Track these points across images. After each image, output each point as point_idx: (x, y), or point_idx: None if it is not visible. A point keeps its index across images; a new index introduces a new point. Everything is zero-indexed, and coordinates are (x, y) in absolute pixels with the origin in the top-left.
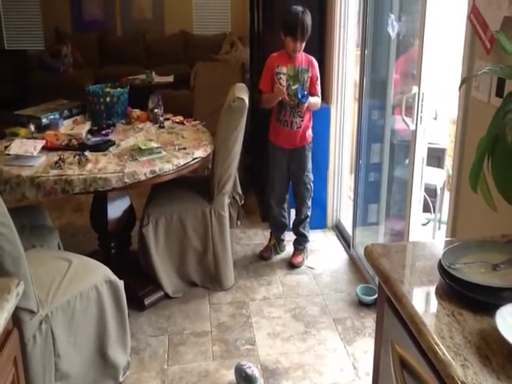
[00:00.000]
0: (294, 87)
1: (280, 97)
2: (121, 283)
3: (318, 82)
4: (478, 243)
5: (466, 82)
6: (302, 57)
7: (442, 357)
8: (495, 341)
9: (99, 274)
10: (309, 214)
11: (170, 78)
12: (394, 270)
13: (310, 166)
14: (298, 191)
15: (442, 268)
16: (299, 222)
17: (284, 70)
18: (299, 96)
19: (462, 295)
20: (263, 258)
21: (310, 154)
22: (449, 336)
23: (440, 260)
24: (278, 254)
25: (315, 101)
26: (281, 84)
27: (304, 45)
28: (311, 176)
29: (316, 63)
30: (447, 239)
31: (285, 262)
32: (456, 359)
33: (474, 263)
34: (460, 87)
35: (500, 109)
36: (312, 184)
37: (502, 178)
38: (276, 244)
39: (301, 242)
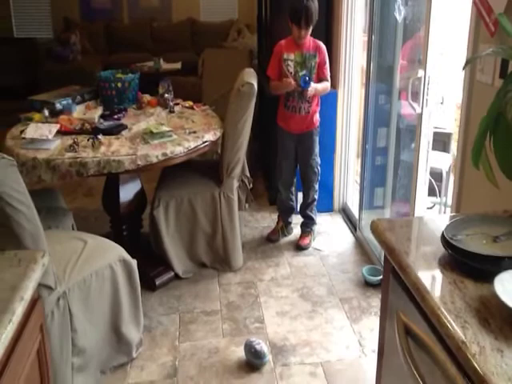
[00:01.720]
0: (301, 73)
1: (289, 89)
2: (134, 262)
3: (327, 66)
4: (479, 217)
5: (469, 63)
6: (309, 42)
7: (444, 319)
8: (494, 305)
9: (113, 253)
10: (316, 197)
11: (178, 65)
12: (398, 242)
13: (317, 150)
14: (306, 175)
15: (444, 239)
16: (306, 205)
17: (291, 56)
18: (301, 83)
19: (464, 264)
20: (271, 240)
21: (317, 139)
22: (450, 301)
23: (443, 232)
24: (286, 236)
25: (323, 86)
26: (288, 70)
27: (310, 31)
28: (318, 160)
29: (324, 48)
30: (451, 214)
31: (292, 244)
32: (456, 321)
33: (476, 235)
34: (463, 68)
35: (501, 88)
36: (319, 168)
37: (503, 155)
38: (283, 227)
39: (308, 224)
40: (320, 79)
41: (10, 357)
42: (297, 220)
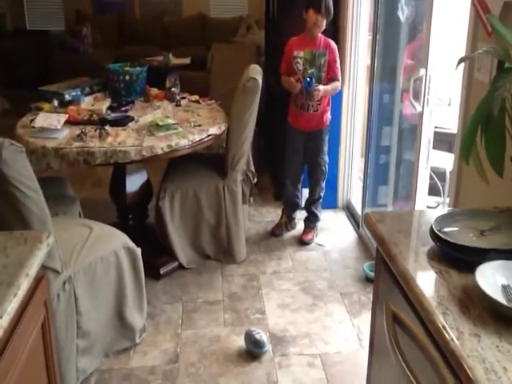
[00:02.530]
0: (310, 71)
1: (294, 91)
2: (138, 250)
3: (337, 65)
4: (468, 212)
5: (462, 62)
6: (320, 40)
7: (427, 306)
8: (476, 294)
9: (118, 240)
10: (322, 194)
11: (187, 60)
12: (389, 233)
13: (326, 148)
14: (313, 173)
15: (432, 232)
16: (312, 201)
17: (301, 54)
18: (304, 84)
19: (450, 256)
20: (274, 234)
21: (326, 138)
22: (435, 290)
23: (432, 225)
24: (289, 231)
25: (332, 86)
26: (297, 68)
27: (324, 24)
28: (326, 158)
29: (334, 46)
30: (443, 209)
31: (295, 238)
32: (438, 308)
33: (463, 229)
34: (456, 67)
35: (491, 86)
36: (327, 166)
37: (493, 151)
38: (287, 222)
39: (312, 220)
40: (330, 78)
41: (15, 329)
42: (301, 215)
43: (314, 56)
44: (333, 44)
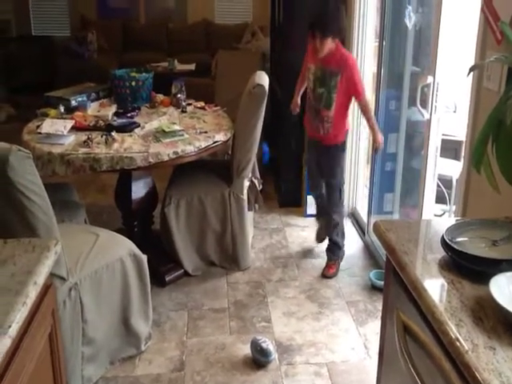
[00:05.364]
0: (319, 90)
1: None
2: (144, 257)
3: (355, 80)
4: (479, 221)
5: (473, 70)
6: (336, 57)
7: (439, 317)
8: (489, 306)
9: (124, 247)
10: (339, 221)
11: (192, 66)
12: (399, 242)
13: (339, 169)
14: (326, 193)
15: (444, 241)
16: (329, 228)
17: (312, 68)
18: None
19: (462, 266)
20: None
21: (341, 155)
22: (447, 300)
23: (443, 234)
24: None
25: (370, 121)
26: (309, 83)
27: (329, 43)
28: (340, 181)
29: (352, 62)
30: (452, 218)
31: (301, 246)
32: (451, 319)
33: (475, 238)
34: (467, 75)
35: (503, 94)
36: (342, 189)
37: (504, 160)
38: (318, 230)
39: (333, 250)
40: (352, 95)
41: (23, 338)
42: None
43: (324, 75)
44: (350, 59)
